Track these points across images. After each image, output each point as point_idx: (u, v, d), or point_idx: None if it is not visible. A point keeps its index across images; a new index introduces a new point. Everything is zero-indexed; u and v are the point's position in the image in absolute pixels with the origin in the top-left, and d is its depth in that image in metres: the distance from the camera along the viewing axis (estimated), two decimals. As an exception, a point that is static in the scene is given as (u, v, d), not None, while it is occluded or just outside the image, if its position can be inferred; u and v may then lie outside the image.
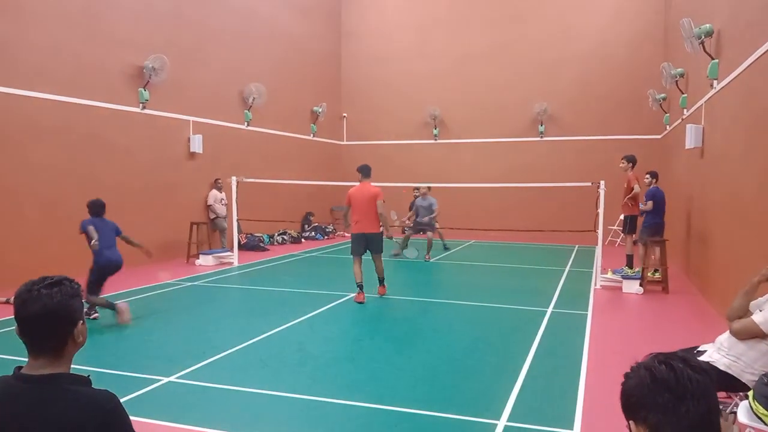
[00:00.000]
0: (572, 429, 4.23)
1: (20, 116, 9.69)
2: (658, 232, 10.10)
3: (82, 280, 2.01)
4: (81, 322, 1.95)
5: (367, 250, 8.81)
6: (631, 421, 1.38)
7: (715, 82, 9.08)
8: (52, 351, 1.89)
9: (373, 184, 8.91)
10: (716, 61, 9.09)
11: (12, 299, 1.92)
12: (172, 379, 5.28)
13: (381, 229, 8.78)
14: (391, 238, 9.09)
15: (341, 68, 20.86)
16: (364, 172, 8.98)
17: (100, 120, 11.21)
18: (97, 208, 7.45)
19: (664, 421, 1.30)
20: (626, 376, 1.41)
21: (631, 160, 10.37)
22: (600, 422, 4.38)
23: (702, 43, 9.47)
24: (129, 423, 1.88)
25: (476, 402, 4.83)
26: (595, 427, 4.29)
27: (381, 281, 8.98)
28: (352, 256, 8.82)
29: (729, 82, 8.19)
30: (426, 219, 13.60)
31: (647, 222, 10.19)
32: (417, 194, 14.25)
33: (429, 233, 13.56)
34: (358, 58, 20.61)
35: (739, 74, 7.64)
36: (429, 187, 13.94)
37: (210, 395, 4.95)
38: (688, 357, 1.39)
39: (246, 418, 4.46)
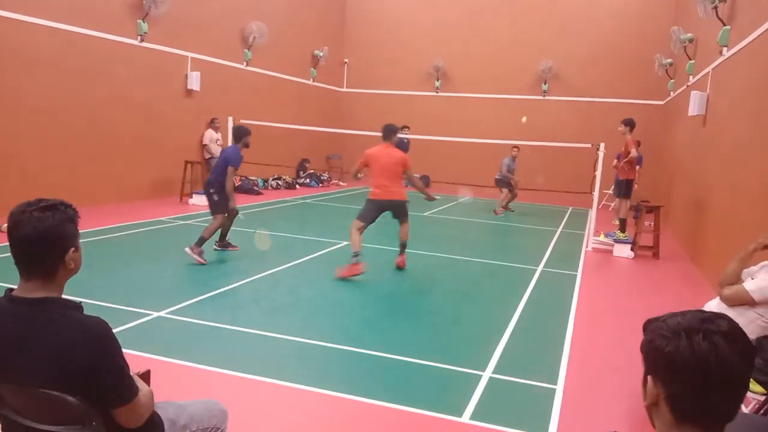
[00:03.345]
0: (555, 384, 4.30)
1: (13, 42, 9.40)
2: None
3: (79, 208, 1.97)
4: (73, 248, 1.92)
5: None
6: (650, 376, 1.31)
7: (724, 49, 8.93)
8: (43, 275, 1.87)
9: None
10: (728, 27, 8.91)
11: (5, 226, 1.87)
12: (162, 314, 5.31)
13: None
14: (433, 199, 7.94)
15: (346, 12, 20.37)
16: (388, 133, 7.47)
17: (96, 50, 10.92)
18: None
19: (685, 396, 1.25)
20: (662, 336, 1.28)
21: (630, 124, 10.29)
22: (583, 378, 4.46)
23: (715, 7, 9.28)
24: (120, 349, 1.88)
25: (463, 353, 4.89)
26: (579, 382, 4.37)
27: (403, 248, 7.58)
28: (356, 220, 7.24)
29: (739, 49, 8.05)
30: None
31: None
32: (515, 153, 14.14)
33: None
34: (363, 3, 20.12)
35: (750, 42, 7.50)
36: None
37: (199, 332, 4.99)
38: (736, 334, 1.25)
39: (235, 355, 4.50)
